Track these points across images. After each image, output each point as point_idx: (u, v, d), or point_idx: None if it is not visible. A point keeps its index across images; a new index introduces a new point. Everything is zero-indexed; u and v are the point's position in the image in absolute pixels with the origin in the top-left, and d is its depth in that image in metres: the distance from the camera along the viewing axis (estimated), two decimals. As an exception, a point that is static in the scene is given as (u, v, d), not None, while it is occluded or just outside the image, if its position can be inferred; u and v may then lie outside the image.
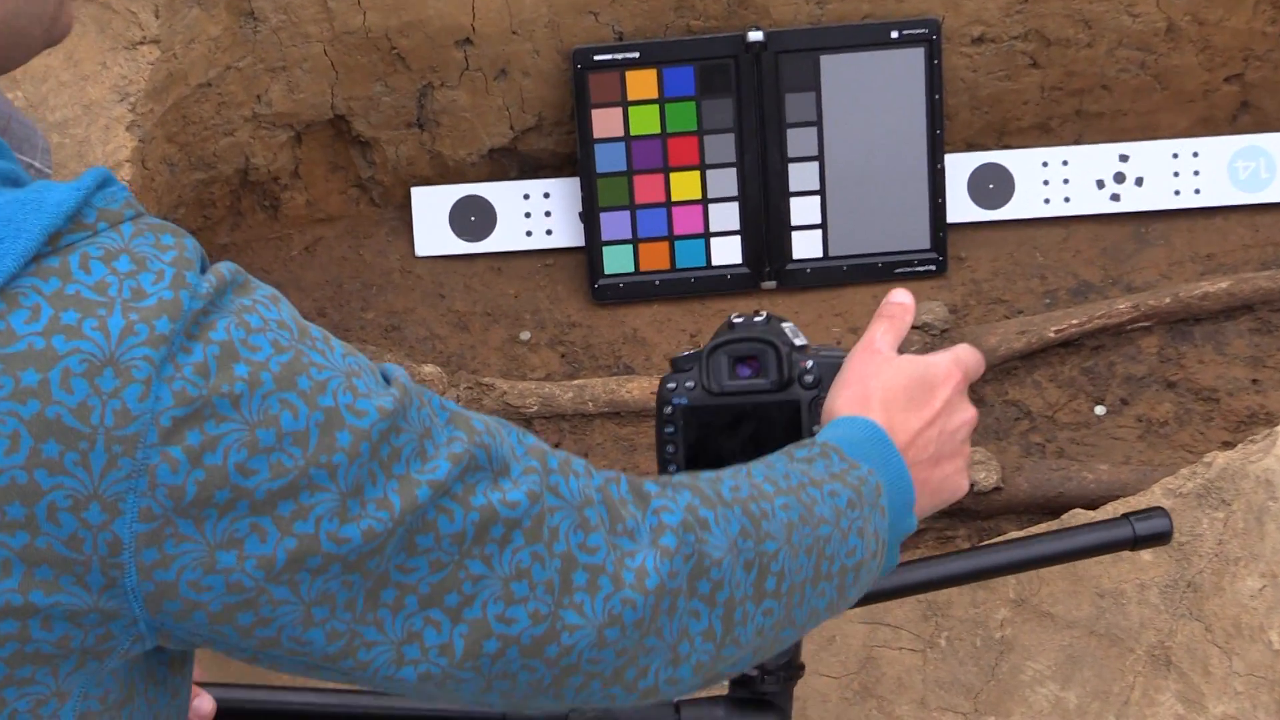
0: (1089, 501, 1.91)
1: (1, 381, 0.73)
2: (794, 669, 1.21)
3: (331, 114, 2.07)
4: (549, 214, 2.11)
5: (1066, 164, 2.11)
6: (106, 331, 0.74)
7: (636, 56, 2.03)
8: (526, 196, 2.11)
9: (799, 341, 1.13)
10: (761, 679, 1.17)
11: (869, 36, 2.02)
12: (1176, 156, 2.10)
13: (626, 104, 2.05)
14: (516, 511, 0.82)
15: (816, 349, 1.13)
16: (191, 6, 1.91)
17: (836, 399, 1.04)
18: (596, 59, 2.03)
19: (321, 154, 2.11)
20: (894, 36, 2.02)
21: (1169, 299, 2.01)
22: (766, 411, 1.11)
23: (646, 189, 2.07)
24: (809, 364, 1.12)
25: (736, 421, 1.12)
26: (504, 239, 2.11)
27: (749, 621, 0.91)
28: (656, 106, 2.05)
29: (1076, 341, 2.04)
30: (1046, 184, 2.11)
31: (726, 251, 2.09)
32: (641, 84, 2.04)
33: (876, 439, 1.01)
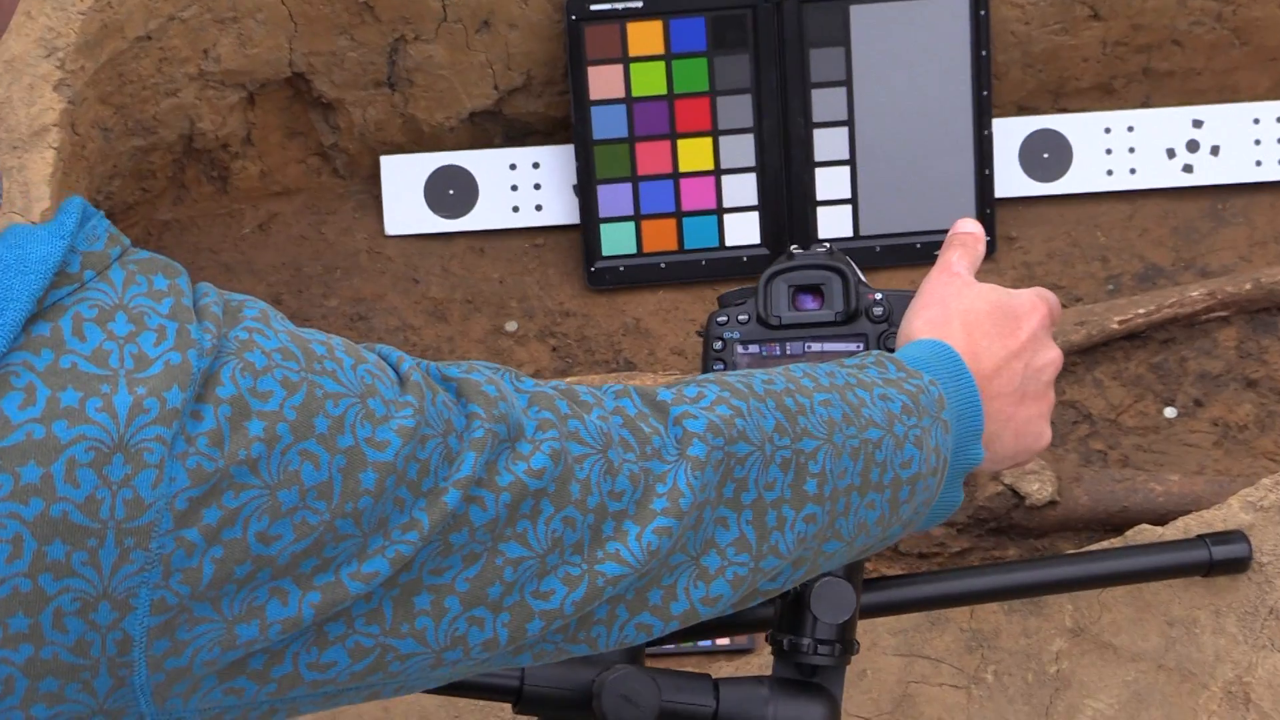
0: (1157, 516, 1.91)
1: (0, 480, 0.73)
2: (848, 642, 1.21)
3: (289, 72, 2.07)
4: (539, 187, 2.11)
5: (1132, 130, 2.11)
6: (113, 412, 0.74)
7: (639, 5, 2.03)
8: (513, 167, 2.11)
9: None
10: (813, 648, 1.17)
11: (906, -17, 2.03)
12: (1258, 122, 2.10)
13: (628, 60, 2.05)
14: (543, 480, 0.85)
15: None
16: (129, -52, 1.91)
17: (913, 321, 1.07)
18: (593, 8, 2.02)
19: (277, 118, 2.12)
20: (935, -16, 2.03)
21: (1249, 285, 2.02)
22: (830, 347, 1.14)
23: (651, 158, 2.07)
24: (878, 296, 1.15)
25: (796, 359, 1.15)
26: (487, 215, 2.11)
27: (787, 528, 0.93)
28: (662, 63, 2.05)
29: (1143, 334, 2.04)
30: (1109, 153, 2.12)
31: (742, 230, 2.08)
32: (645, 37, 2.04)
33: (945, 355, 1.04)
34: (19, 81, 1.83)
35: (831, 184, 2.08)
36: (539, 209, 2.11)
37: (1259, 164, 2.10)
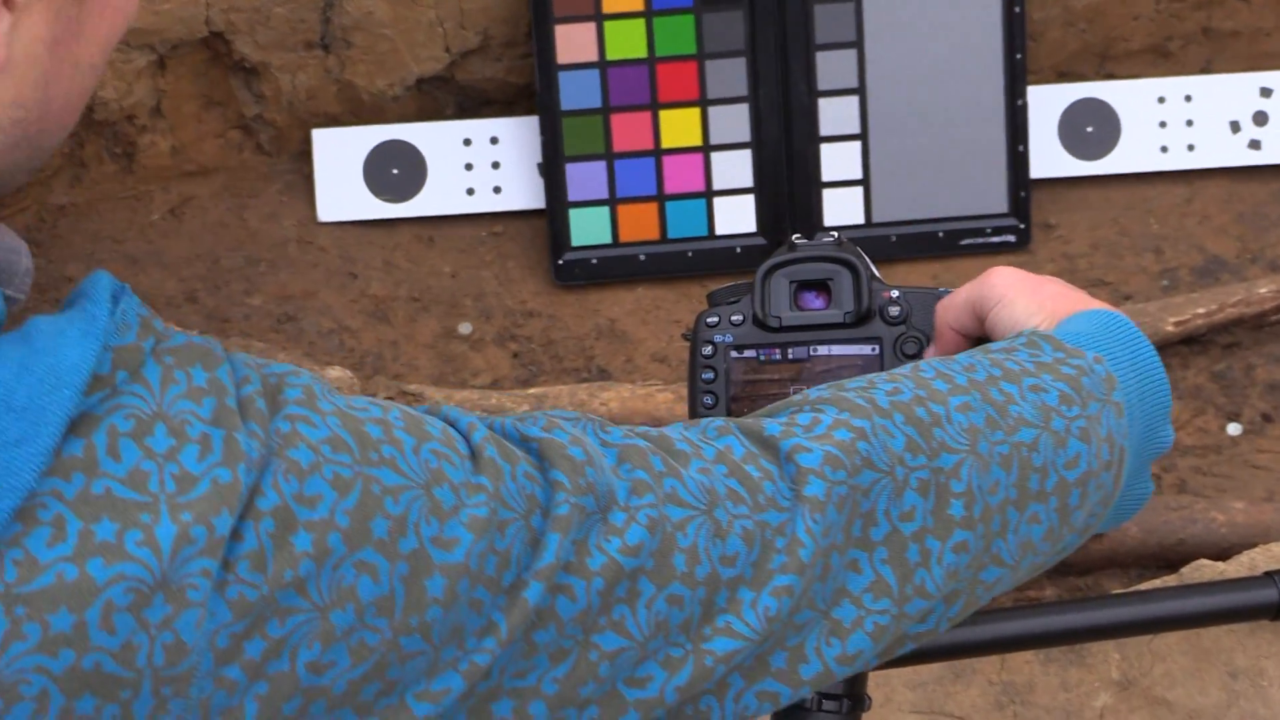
0: (1218, 550, 1.92)
1: (25, 630, 0.73)
2: (857, 698, 1.20)
3: (205, 31, 2.07)
4: (497, 166, 2.11)
5: (1190, 100, 2.11)
6: (155, 545, 0.74)
7: (615, -46, 2.04)
8: (467, 143, 2.11)
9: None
10: (817, 704, 1.17)
11: (926, -72, 2.04)
12: (1337, 90, 2.12)
13: (601, 17, 2.05)
14: (640, 556, 0.85)
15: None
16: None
17: (1015, 306, 1.05)
18: (561, -43, 2.04)
19: (192, 85, 2.11)
20: (959, -72, 2.04)
21: (1327, 280, 2.02)
22: (838, 352, 1.14)
23: (628, 132, 2.07)
24: (894, 294, 1.14)
25: (798, 366, 1.15)
26: (437, 199, 2.11)
27: (934, 562, 0.92)
28: (642, 21, 2.05)
29: (1203, 337, 2.05)
30: (1163, 126, 2.12)
31: (736, 216, 2.09)
32: (621, -9, 2.05)
33: (1113, 325, 1.02)
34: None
35: (840, 162, 2.08)
36: (497, 191, 2.11)
37: (1338, 139, 2.12)
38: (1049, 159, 2.12)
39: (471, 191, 2.11)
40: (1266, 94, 2.11)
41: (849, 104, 2.07)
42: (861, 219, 2.09)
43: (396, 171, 2.11)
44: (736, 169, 2.08)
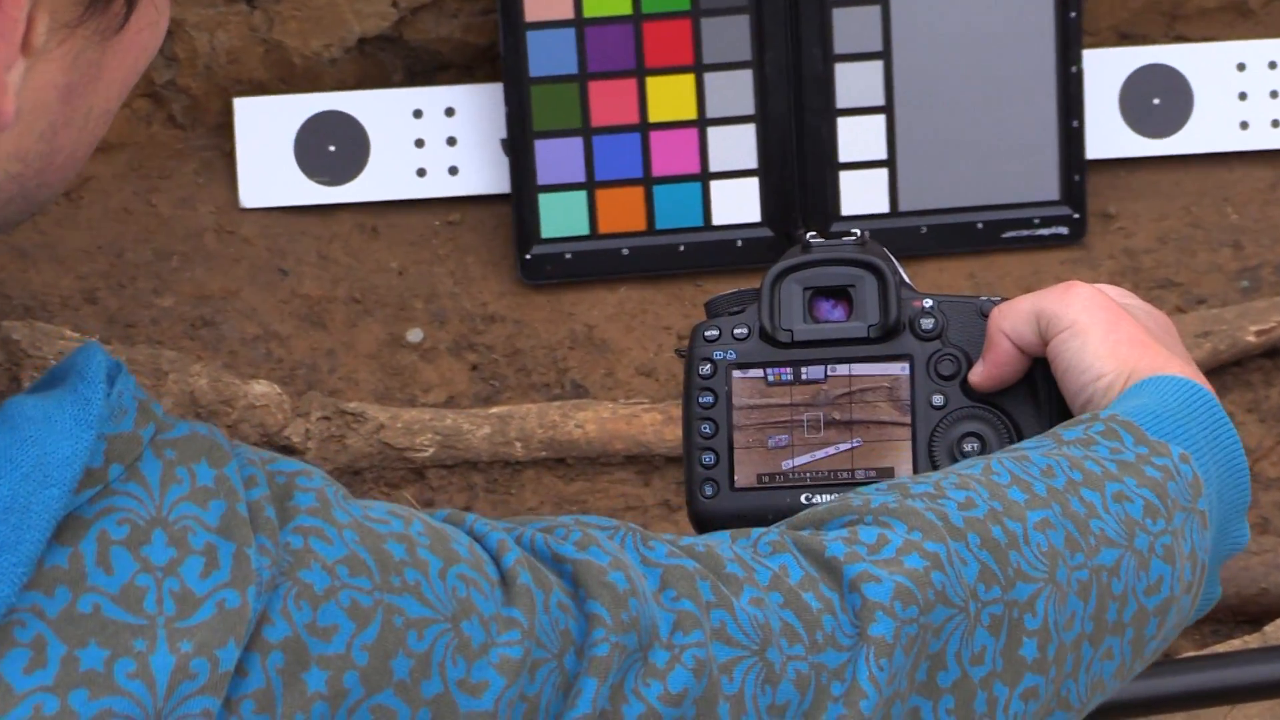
0: (1310, 603, 1.93)
1: None
2: None
3: (107, -20, 2.06)
4: (453, 142, 2.11)
5: (1275, 67, 2.13)
6: (149, 678, 0.75)
7: (594, -108, 2.05)
8: (418, 114, 2.12)
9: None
10: None
11: None
12: None
13: (577, -33, 2.06)
14: (683, 705, 0.87)
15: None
16: None
17: (1087, 342, 1.06)
18: (530, -105, 2.04)
19: (92, 44, 2.11)
20: None
21: None
22: (861, 372, 1.16)
23: (609, 103, 2.08)
24: (927, 303, 1.15)
25: (813, 388, 1.16)
26: (382, 181, 2.12)
27: (999, 712, 0.94)
28: (625, -29, 2.06)
29: (1290, 349, 2.05)
30: (1243, 99, 2.13)
31: (736, 203, 2.10)
32: (601, -65, 2.06)
33: (1192, 400, 1.04)
34: None
35: (861, 140, 2.09)
36: (453, 173, 2.12)
37: None
38: (1108, 136, 2.12)
39: (423, 173, 2.12)
40: (1366, 60, 2.13)
41: (871, 70, 2.08)
42: (885, 207, 2.09)
43: (334, 149, 2.12)
44: (737, 147, 2.09)
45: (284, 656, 0.78)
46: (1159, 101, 2.12)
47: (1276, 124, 2.13)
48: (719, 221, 2.10)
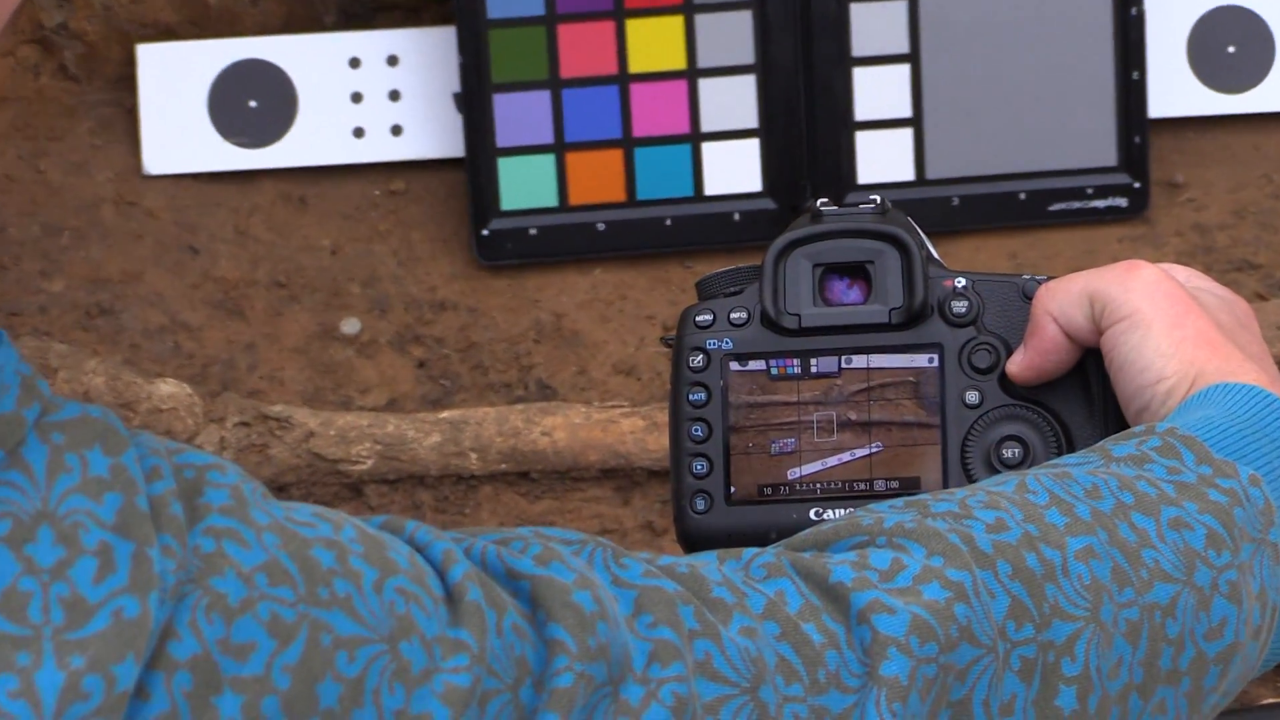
0: None
1: None
2: None
3: (-15, -97, 2.06)
4: (396, 97, 2.12)
5: None
6: (34, 698, 0.76)
7: None
8: (355, 63, 2.12)
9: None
10: None
11: None
12: None
13: (544, -113, 2.07)
14: None
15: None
16: None
17: (1148, 335, 1.07)
18: None
19: (-32, -19, 2.10)
20: None
21: None
22: (880, 364, 1.17)
23: (582, 50, 2.08)
24: (960, 283, 1.17)
25: (824, 382, 1.18)
26: (312, 143, 2.12)
27: None
28: (601, -107, 2.08)
29: (1391, 344, 2.04)
30: None
31: (733, 169, 2.10)
32: None
33: (1272, 416, 1.05)
34: None
35: (880, 94, 2.08)
36: (396, 133, 2.12)
37: None
38: (1175, 91, 2.12)
39: (360, 133, 2.12)
40: None
41: (894, 10, 2.08)
42: (910, 174, 2.10)
43: (255, 104, 2.12)
44: (735, 103, 2.09)
45: (192, 678, 0.79)
46: (1235, 49, 2.12)
47: (1374, 77, 2.15)
48: (712, 191, 2.10)
